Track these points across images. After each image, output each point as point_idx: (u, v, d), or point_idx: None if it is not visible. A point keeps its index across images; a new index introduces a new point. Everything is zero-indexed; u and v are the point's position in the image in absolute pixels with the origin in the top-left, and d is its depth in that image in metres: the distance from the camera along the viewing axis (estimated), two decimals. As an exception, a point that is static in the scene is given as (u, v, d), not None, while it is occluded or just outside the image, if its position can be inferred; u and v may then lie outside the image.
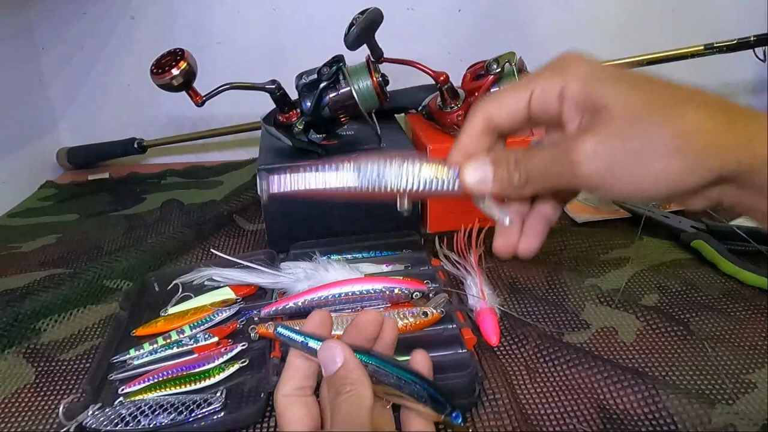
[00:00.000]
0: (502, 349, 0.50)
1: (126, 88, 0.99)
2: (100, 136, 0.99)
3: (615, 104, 0.32)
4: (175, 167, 0.98)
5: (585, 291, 0.57)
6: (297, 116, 0.64)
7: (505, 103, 0.37)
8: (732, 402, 0.43)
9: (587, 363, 0.46)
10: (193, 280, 0.58)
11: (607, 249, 0.65)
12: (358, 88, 0.62)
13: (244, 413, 0.43)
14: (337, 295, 0.52)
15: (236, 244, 0.71)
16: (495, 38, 0.96)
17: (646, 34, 0.96)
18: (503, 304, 0.54)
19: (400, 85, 0.80)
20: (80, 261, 0.69)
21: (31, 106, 0.95)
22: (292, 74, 0.65)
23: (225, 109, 0.86)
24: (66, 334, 0.55)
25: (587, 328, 0.52)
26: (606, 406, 0.43)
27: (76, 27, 0.95)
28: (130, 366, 0.49)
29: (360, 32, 0.61)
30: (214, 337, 0.51)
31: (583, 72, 0.35)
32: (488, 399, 0.44)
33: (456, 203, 0.69)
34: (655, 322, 0.52)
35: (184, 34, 0.95)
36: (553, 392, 0.45)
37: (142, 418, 0.42)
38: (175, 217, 0.79)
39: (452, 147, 0.39)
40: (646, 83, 0.33)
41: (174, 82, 0.58)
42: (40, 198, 0.90)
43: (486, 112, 0.38)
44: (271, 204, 0.65)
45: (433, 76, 0.66)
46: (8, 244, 0.74)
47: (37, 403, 0.47)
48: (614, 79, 0.34)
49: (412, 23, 0.95)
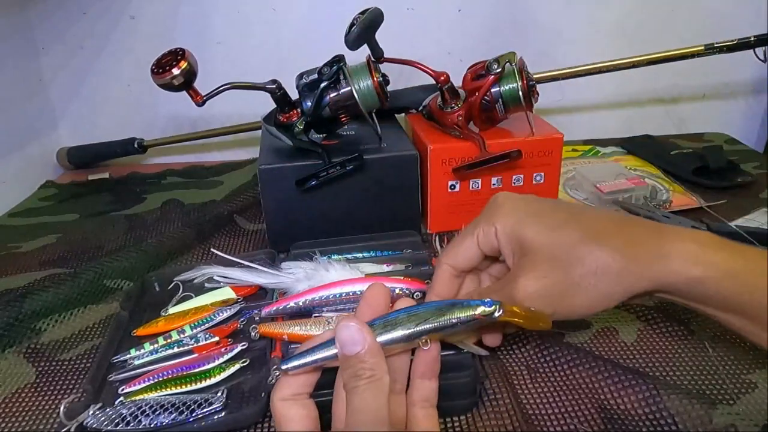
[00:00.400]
0: (503, 349, 0.50)
1: (126, 88, 0.99)
2: (100, 136, 0.99)
3: (537, 248, 0.39)
4: (175, 167, 0.98)
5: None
6: (297, 116, 0.64)
7: (460, 252, 0.44)
8: (733, 402, 0.43)
9: (588, 363, 0.46)
10: (193, 279, 0.58)
11: (608, 249, 0.65)
12: (358, 88, 0.62)
13: (244, 413, 0.43)
14: (337, 295, 0.52)
15: (236, 244, 0.71)
16: (495, 38, 0.96)
17: (646, 34, 0.96)
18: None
19: (400, 85, 0.80)
20: (80, 261, 0.69)
21: (31, 106, 0.95)
22: (292, 74, 0.65)
23: (225, 109, 0.86)
24: (66, 333, 0.55)
25: (588, 328, 0.52)
26: (607, 406, 0.43)
27: (76, 27, 0.95)
28: (130, 366, 0.49)
29: (360, 32, 0.61)
30: (214, 337, 0.51)
31: (510, 216, 0.41)
32: (489, 399, 0.44)
33: (456, 203, 0.69)
34: (656, 322, 0.52)
35: (184, 34, 0.95)
36: (554, 392, 0.45)
37: (142, 417, 0.42)
38: (176, 216, 0.79)
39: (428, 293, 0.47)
40: (563, 224, 0.39)
41: (174, 81, 0.58)
42: (40, 198, 0.90)
43: (448, 263, 0.45)
44: (271, 204, 0.65)
45: (433, 76, 0.66)
46: (8, 244, 0.74)
47: (38, 403, 0.47)
48: (534, 222, 0.40)
49: (412, 23, 0.95)
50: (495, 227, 0.42)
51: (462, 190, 0.68)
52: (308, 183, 0.62)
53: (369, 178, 0.64)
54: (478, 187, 0.68)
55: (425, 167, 0.67)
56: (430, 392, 0.37)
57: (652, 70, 0.83)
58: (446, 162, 0.66)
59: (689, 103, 1.05)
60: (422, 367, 0.37)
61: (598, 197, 0.74)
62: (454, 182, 0.68)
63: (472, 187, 0.68)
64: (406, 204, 0.67)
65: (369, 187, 0.65)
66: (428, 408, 0.37)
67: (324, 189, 0.63)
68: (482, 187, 0.68)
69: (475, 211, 0.67)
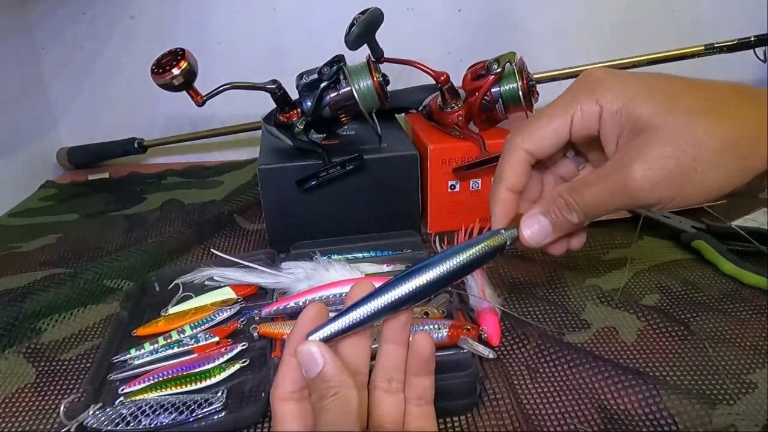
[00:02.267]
0: (503, 349, 0.50)
1: (126, 88, 0.99)
2: (100, 136, 0.99)
3: (656, 123, 0.33)
4: (175, 167, 0.98)
5: (586, 291, 0.57)
6: (297, 116, 0.64)
7: (545, 136, 0.37)
8: (733, 402, 0.43)
9: (588, 363, 0.46)
10: (193, 279, 0.58)
11: (608, 249, 0.65)
12: (358, 88, 0.62)
13: (245, 413, 0.43)
14: (337, 295, 0.52)
15: (237, 244, 0.71)
16: (495, 38, 0.96)
17: (646, 34, 0.96)
18: (504, 304, 0.54)
19: (400, 85, 0.80)
20: (80, 261, 0.69)
21: (31, 106, 0.95)
22: (292, 74, 0.65)
23: (225, 109, 0.87)
24: (66, 333, 0.55)
25: (588, 328, 0.52)
26: (607, 406, 0.43)
27: (76, 27, 0.95)
28: (130, 366, 0.49)
29: (361, 32, 0.61)
30: (214, 337, 0.51)
31: (618, 91, 0.35)
32: (489, 399, 0.44)
33: (456, 203, 0.69)
34: (656, 322, 0.52)
35: (184, 34, 0.95)
36: (554, 392, 0.45)
37: (142, 417, 0.42)
38: (176, 217, 0.79)
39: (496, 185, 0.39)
40: (681, 93, 0.33)
41: (175, 81, 0.58)
42: (40, 198, 0.90)
43: (526, 149, 0.38)
44: (271, 204, 0.65)
45: (433, 76, 0.66)
46: (8, 244, 0.74)
47: (38, 403, 0.47)
48: (649, 94, 0.34)
49: (412, 23, 0.95)
50: (600, 105, 0.35)
51: (462, 190, 0.68)
52: (308, 183, 0.62)
53: (369, 178, 0.64)
54: (478, 187, 0.68)
55: (425, 167, 0.67)
56: (426, 389, 0.36)
57: (652, 70, 0.83)
58: (446, 162, 0.66)
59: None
60: (417, 365, 0.36)
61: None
62: (454, 182, 0.68)
63: (472, 187, 0.68)
64: (406, 204, 0.67)
65: (369, 187, 0.65)
66: (424, 405, 0.36)
67: (324, 189, 0.63)
68: (482, 187, 0.68)
69: (475, 211, 0.67)
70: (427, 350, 0.35)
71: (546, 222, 0.37)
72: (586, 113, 0.35)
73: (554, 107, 0.37)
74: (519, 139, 0.38)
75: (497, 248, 0.36)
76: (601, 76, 0.36)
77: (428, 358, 0.36)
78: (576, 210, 0.36)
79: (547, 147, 0.38)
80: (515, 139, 0.38)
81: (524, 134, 0.38)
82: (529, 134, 0.38)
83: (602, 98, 0.35)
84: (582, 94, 0.36)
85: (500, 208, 0.39)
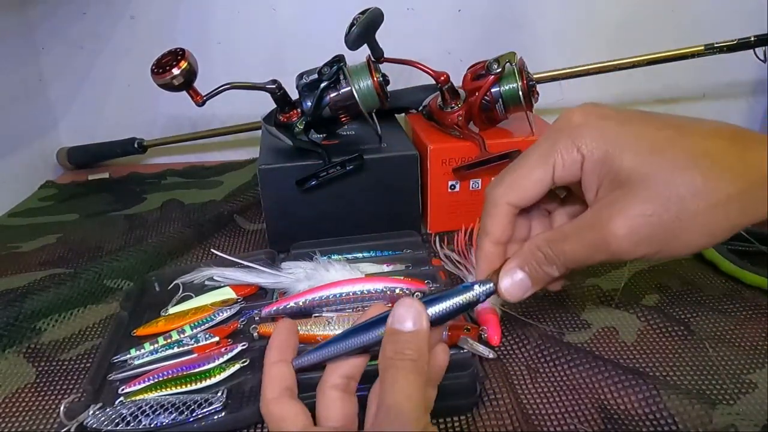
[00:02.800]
0: (503, 349, 0.50)
1: (126, 88, 0.99)
2: (100, 136, 0.99)
3: (638, 178, 0.32)
4: (175, 167, 0.98)
5: (585, 291, 0.57)
6: (297, 116, 0.64)
7: (527, 187, 0.36)
8: (733, 402, 0.43)
9: (588, 363, 0.46)
10: (193, 280, 0.58)
11: (608, 249, 0.65)
12: (358, 88, 0.62)
13: (245, 413, 0.43)
14: (337, 295, 0.52)
15: (237, 244, 0.71)
16: (495, 38, 0.96)
17: (646, 34, 0.96)
18: (504, 304, 0.54)
19: (400, 85, 0.80)
20: (80, 261, 0.69)
21: (31, 106, 0.95)
22: (292, 74, 0.65)
23: (225, 109, 0.87)
24: (66, 333, 0.55)
25: (588, 328, 0.52)
26: (607, 406, 0.43)
27: (76, 27, 0.95)
28: (130, 366, 0.49)
29: (361, 32, 0.61)
30: (214, 337, 0.51)
31: (599, 139, 0.33)
32: (489, 399, 0.44)
33: (456, 203, 0.69)
34: (656, 322, 0.52)
35: (184, 34, 0.95)
36: (554, 392, 0.45)
37: (142, 417, 0.42)
38: (176, 217, 0.79)
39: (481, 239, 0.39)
40: (666, 143, 0.32)
41: (175, 81, 0.58)
42: (40, 198, 0.90)
43: (508, 202, 0.37)
44: (271, 204, 0.65)
45: (433, 76, 0.66)
46: (8, 244, 0.73)
47: (38, 403, 0.47)
48: (632, 144, 0.32)
49: (412, 23, 0.95)
50: (582, 154, 0.34)
51: (462, 190, 0.68)
52: (308, 183, 0.62)
53: (369, 178, 0.64)
54: (478, 187, 0.68)
55: (425, 167, 0.67)
56: (429, 400, 0.35)
57: (652, 70, 0.83)
58: (446, 162, 0.66)
59: (689, 103, 1.05)
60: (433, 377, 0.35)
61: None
62: (454, 182, 0.68)
63: (472, 187, 0.68)
64: (406, 204, 0.67)
65: (369, 187, 0.65)
66: None
67: (324, 189, 0.63)
68: (482, 188, 0.68)
69: (475, 211, 0.67)
70: (445, 362, 0.35)
71: (524, 277, 0.36)
72: (568, 162, 0.34)
73: (534, 155, 0.36)
74: (500, 191, 0.37)
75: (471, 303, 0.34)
76: (581, 121, 0.34)
77: (443, 369, 0.35)
78: (556, 263, 0.35)
79: (529, 198, 0.37)
80: (496, 191, 0.37)
81: (505, 186, 0.37)
82: (510, 186, 0.37)
83: (583, 146, 0.34)
84: (562, 142, 0.35)
85: (485, 263, 0.39)
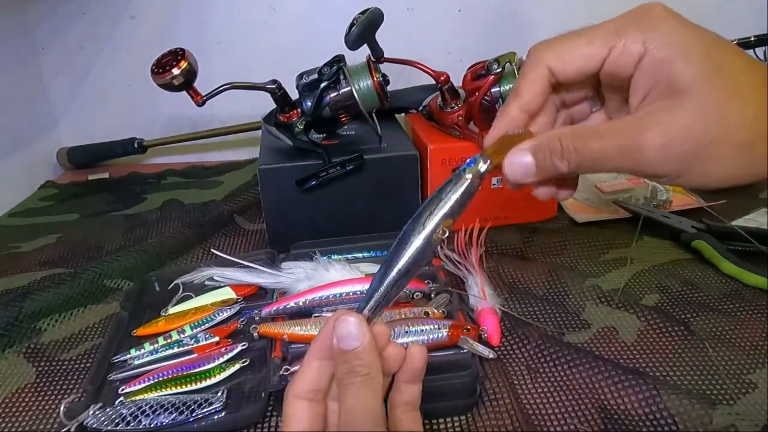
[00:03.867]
0: (503, 349, 0.50)
1: (126, 88, 0.99)
2: (100, 136, 0.99)
3: (693, 91, 0.29)
4: (175, 167, 0.98)
5: (585, 291, 0.57)
6: (297, 116, 0.64)
7: (575, 59, 0.32)
8: (733, 402, 0.43)
9: (588, 363, 0.46)
10: (193, 280, 0.58)
11: (608, 249, 0.65)
12: (358, 88, 0.62)
13: (244, 413, 0.43)
14: (337, 295, 0.52)
15: (237, 243, 0.71)
16: (495, 38, 0.96)
17: (647, 34, 0.96)
18: (504, 304, 0.54)
19: (400, 85, 0.80)
20: (80, 261, 0.69)
21: (31, 106, 0.95)
22: (292, 74, 0.65)
23: (225, 109, 0.86)
24: (66, 333, 0.55)
25: (588, 328, 0.52)
26: (607, 406, 0.43)
27: (76, 27, 0.95)
28: (130, 366, 0.49)
29: (361, 32, 0.61)
30: (214, 337, 0.51)
31: (672, 39, 0.30)
32: (489, 399, 0.44)
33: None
34: (656, 322, 0.52)
35: (184, 34, 0.95)
36: (554, 392, 0.45)
37: (142, 417, 0.42)
38: (176, 216, 0.79)
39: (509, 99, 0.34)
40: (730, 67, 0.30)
41: (175, 81, 0.58)
42: (40, 198, 0.90)
43: (550, 66, 0.33)
44: (271, 204, 0.65)
45: (433, 76, 0.66)
46: (8, 244, 0.73)
47: (38, 403, 0.47)
48: (701, 57, 0.30)
49: (412, 23, 0.95)
50: (645, 48, 0.30)
51: (462, 190, 0.68)
52: (308, 183, 0.62)
53: (369, 178, 0.64)
54: (478, 187, 0.68)
55: (425, 167, 0.67)
56: (414, 396, 0.35)
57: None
58: (446, 162, 0.66)
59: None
60: (409, 375, 0.35)
61: (598, 197, 0.74)
62: (454, 182, 0.67)
63: (472, 187, 0.68)
64: (406, 204, 0.67)
65: (369, 187, 0.65)
66: (411, 411, 0.35)
67: (324, 189, 0.63)
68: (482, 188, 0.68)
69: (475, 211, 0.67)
70: (421, 363, 0.35)
71: (530, 162, 0.33)
72: (628, 51, 0.31)
73: (595, 32, 0.32)
74: (546, 53, 0.33)
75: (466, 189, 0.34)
76: (661, 14, 0.31)
77: (420, 369, 0.35)
78: (570, 158, 0.32)
79: (572, 71, 0.32)
80: (541, 52, 0.33)
81: (552, 49, 0.32)
82: (557, 51, 0.32)
83: (651, 41, 0.30)
84: (631, 29, 0.31)
85: (504, 122, 0.35)
